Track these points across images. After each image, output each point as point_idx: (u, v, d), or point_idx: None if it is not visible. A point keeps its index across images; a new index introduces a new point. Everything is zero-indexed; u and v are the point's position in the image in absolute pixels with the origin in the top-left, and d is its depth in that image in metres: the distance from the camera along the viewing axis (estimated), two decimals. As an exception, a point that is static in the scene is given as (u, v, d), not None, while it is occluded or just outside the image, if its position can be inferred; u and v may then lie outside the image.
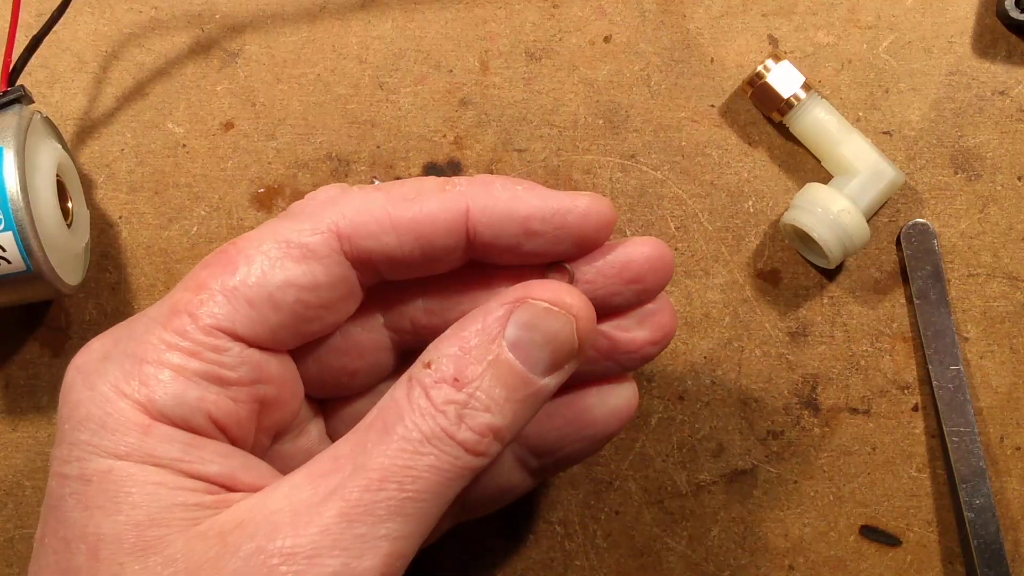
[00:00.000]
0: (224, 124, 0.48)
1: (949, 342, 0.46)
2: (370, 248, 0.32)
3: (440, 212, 0.32)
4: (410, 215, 0.32)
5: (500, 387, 0.31)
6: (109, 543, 0.29)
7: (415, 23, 0.49)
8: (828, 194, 0.44)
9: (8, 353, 0.48)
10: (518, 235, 0.33)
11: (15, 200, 0.40)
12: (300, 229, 0.32)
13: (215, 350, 0.31)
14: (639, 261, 0.35)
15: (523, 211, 0.33)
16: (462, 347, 0.31)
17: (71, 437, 0.30)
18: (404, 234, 0.32)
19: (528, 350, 0.32)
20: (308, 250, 0.32)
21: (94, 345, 0.32)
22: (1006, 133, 0.47)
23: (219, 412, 0.31)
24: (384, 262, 0.33)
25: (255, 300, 0.31)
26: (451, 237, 0.33)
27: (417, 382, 0.31)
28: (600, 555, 0.46)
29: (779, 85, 0.46)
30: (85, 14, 0.49)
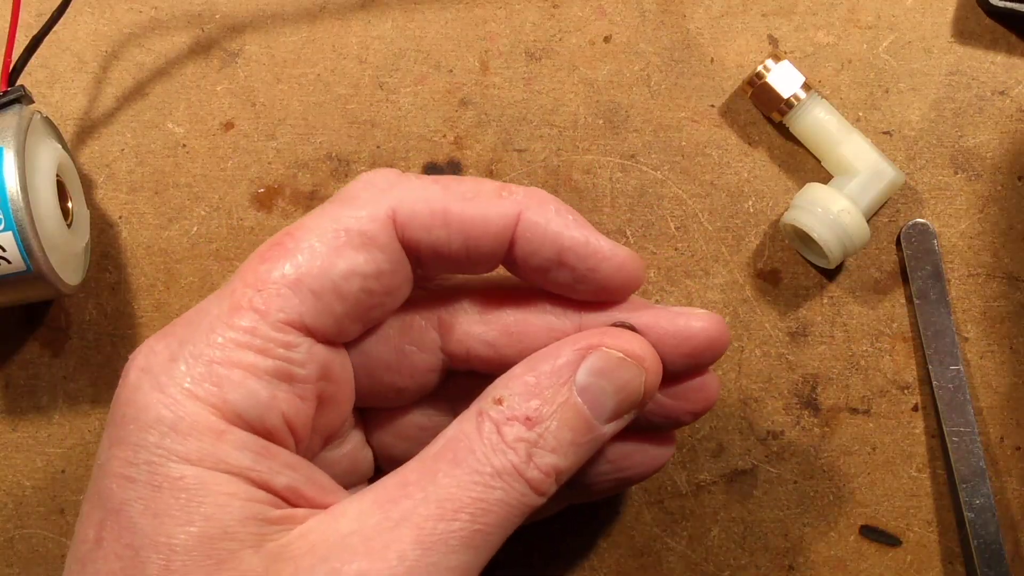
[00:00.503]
0: (224, 124, 0.48)
1: (949, 342, 0.46)
2: (420, 239, 0.32)
3: (495, 216, 0.32)
4: (468, 213, 0.32)
5: (567, 430, 0.31)
6: (182, 555, 0.28)
7: (415, 23, 0.49)
8: (828, 194, 0.44)
9: (8, 353, 0.48)
10: (551, 260, 0.33)
11: (15, 200, 0.40)
12: (359, 216, 0.31)
13: (286, 346, 0.30)
14: (699, 337, 0.35)
15: (565, 240, 0.33)
16: (533, 387, 0.32)
17: (137, 438, 0.29)
18: (455, 231, 0.32)
19: (596, 396, 0.32)
20: (368, 237, 0.31)
21: (157, 346, 0.31)
22: (1006, 133, 0.47)
23: (290, 411, 0.31)
24: (429, 255, 0.33)
25: (320, 291, 0.31)
26: (497, 243, 0.33)
27: (488, 417, 0.31)
28: (600, 555, 0.46)
29: (779, 85, 0.46)
30: (85, 14, 0.49)
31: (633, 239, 0.47)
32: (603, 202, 0.47)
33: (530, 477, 0.31)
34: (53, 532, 0.47)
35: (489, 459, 0.30)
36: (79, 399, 0.47)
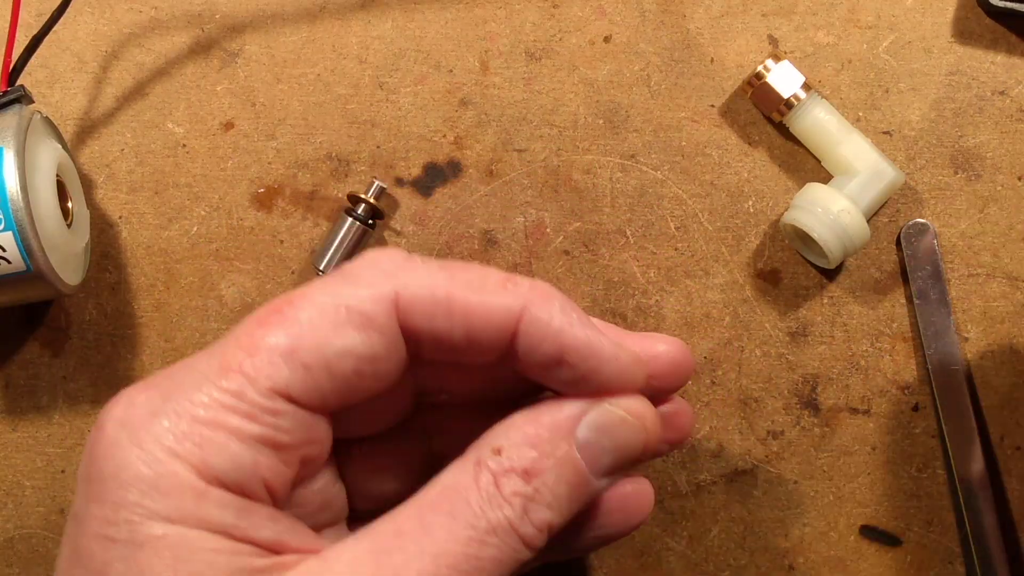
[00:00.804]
0: (224, 124, 0.48)
1: (949, 342, 0.46)
2: (421, 326, 0.32)
3: (499, 309, 0.32)
4: (472, 304, 0.32)
5: (563, 485, 0.31)
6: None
7: (415, 23, 0.49)
8: (828, 194, 0.44)
9: (8, 353, 0.48)
10: (552, 358, 0.32)
11: (15, 200, 0.40)
12: (361, 295, 0.31)
13: (272, 413, 0.30)
14: (662, 360, 0.35)
15: (567, 340, 0.32)
16: (533, 439, 0.31)
17: (116, 497, 0.29)
18: (458, 321, 0.32)
19: (595, 453, 0.32)
20: (368, 318, 0.31)
21: (138, 399, 0.30)
22: (1006, 133, 0.47)
23: (271, 476, 0.30)
24: (429, 342, 0.32)
25: (312, 365, 0.30)
26: (499, 336, 0.32)
27: (486, 467, 0.31)
28: (600, 555, 0.46)
29: (779, 85, 0.46)
30: (85, 14, 0.49)
31: (633, 239, 0.47)
32: (603, 202, 0.47)
33: (524, 532, 0.31)
34: (53, 532, 0.47)
35: (485, 513, 0.30)
36: (79, 399, 0.47)
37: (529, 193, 0.48)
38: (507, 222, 0.48)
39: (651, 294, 0.47)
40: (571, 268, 0.47)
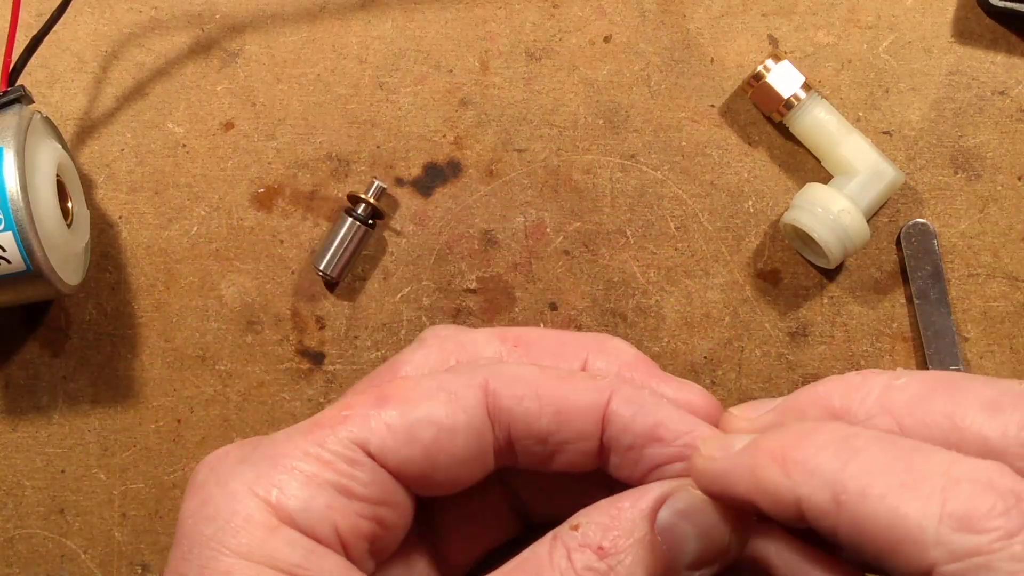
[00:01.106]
0: (224, 124, 0.48)
1: (949, 342, 0.46)
2: (511, 408, 0.32)
3: (585, 393, 0.32)
4: (558, 390, 0.32)
5: (642, 568, 0.30)
6: None
7: (415, 23, 0.49)
8: (828, 194, 0.44)
9: (8, 353, 0.48)
10: (645, 441, 0.32)
11: (15, 200, 0.40)
12: (454, 379, 0.33)
13: (349, 462, 0.31)
14: (700, 414, 0.34)
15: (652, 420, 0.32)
16: (612, 518, 0.31)
17: (192, 532, 0.30)
18: (546, 404, 0.32)
19: (677, 538, 0.31)
20: (455, 395, 0.32)
21: (232, 449, 0.32)
22: (1006, 133, 0.47)
23: (344, 524, 0.31)
24: (522, 429, 0.33)
25: (394, 426, 0.31)
26: (588, 420, 0.32)
27: (562, 542, 0.31)
28: (600, 555, 0.46)
29: (779, 85, 0.46)
30: (85, 14, 0.49)
31: (633, 239, 0.47)
32: (603, 202, 0.47)
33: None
34: (53, 532, 0.47)
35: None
36: (79, 399, 0.47)
37: (529, 193, 0.48)
38: (507, 222, 0.48)
39: (651, 294, 0.47)
40: (571, 268, 0.47)
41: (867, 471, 0.26)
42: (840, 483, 0.26)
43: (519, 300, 0.47)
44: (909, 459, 0.26)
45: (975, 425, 0.27)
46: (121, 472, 0.47)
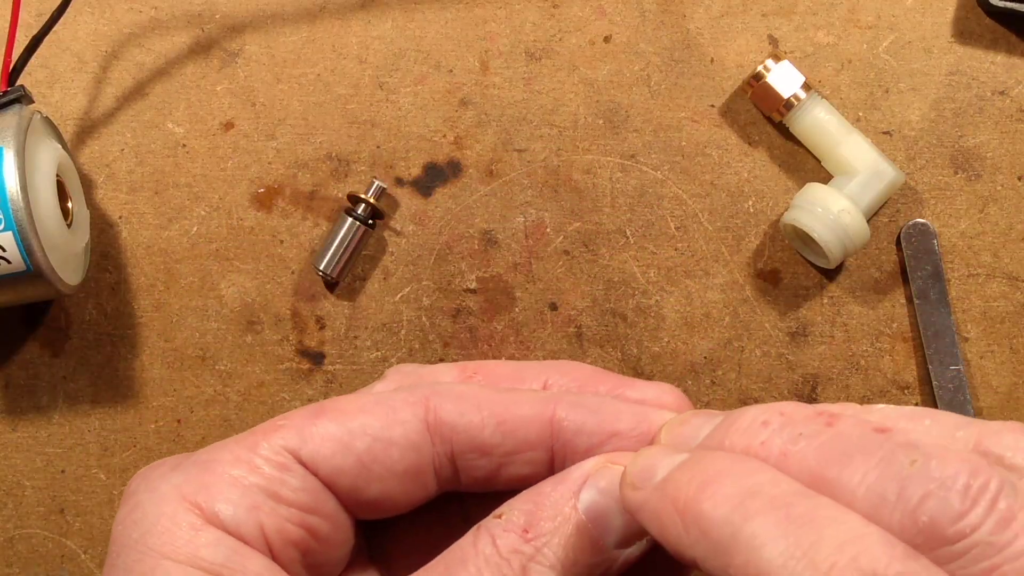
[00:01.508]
0: (224, 124, 0.48)
1: (949, 342, 0.46)
2: (453, 422, 0.32)
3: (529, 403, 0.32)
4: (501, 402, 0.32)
5: (569, 548, 0.30)
6: None
7: (415, 23, 0.49)
8: (828, 194, 0.44)
9: (8, 353, 0.48)
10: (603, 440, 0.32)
11: (15, 200, 0.40)
12: (393, 395, 0.33)
13: (279, 467, 0.31)
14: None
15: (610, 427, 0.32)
16: (536, 502, 0.31)
17: (120, 537, 0.30)
18: (489, 415, 0.32)
19: (603, 516, 0.31)
20: (392, 409, 0.32)
21: (168, 460, 0.32)
22: (1006, 133, 0.47)
23: (271, 527, 0.31)
24: (465, 443, 0.32)
25: (328, 436, 0.31)
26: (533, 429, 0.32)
27: (486, 530, 0.31)
28: (600, 555, 0.46)
29: (779, 85, 0.46)
30: (85, 14, 0.49)
31: (633, 239, 0.47)
32: (603, 202, 0.47)
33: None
34: (53, 532, 0.47)
35: (481, 572, 0.30)
36: (79, 399, 0.47)
37: (529, 193, 0.48)
38: (507, 222, 0.48)
39: (651, 294, 0.47)
40: (571, 268, 0.47)
41: (758, 543, 0.25)
42: (728, 553, 0.25)
43: (519, 300, 0.47)
44: (799, 533, 0.25)
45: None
46: (121, 472, 0.47)
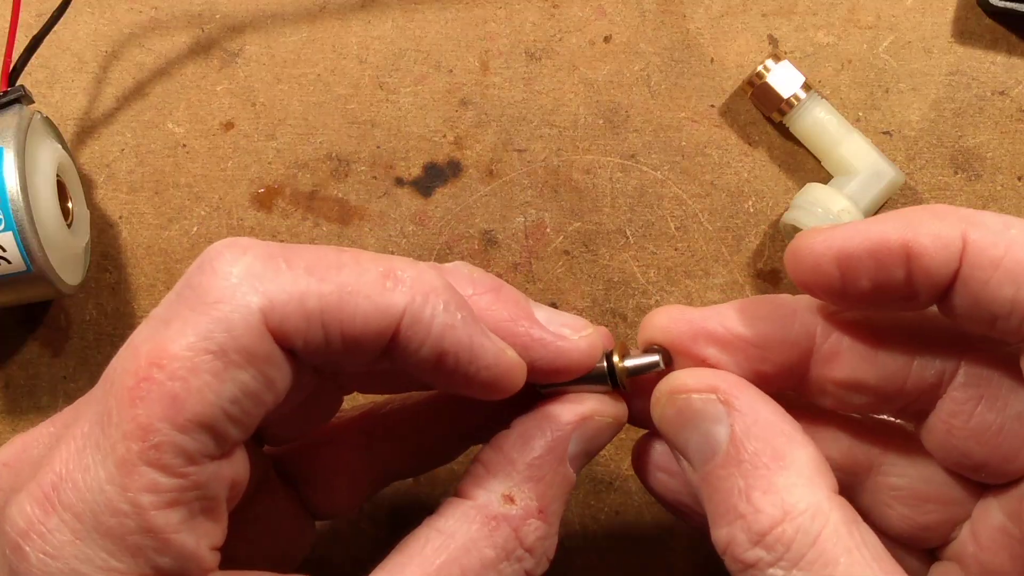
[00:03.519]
0: (224, 124, 0.48)
1: (949, 342, 0.46)
2: (295, 343, 0.28)
3: (375, 313, 0.28)
4: (346, 313, 0.28)
5: (563, 503, 0.31)
6: None
7: (415, 23, 0.49)
8: (828, 194, 0.44)
9: (8, 353, 0.48)
10: (429, 361, 0.29)
11: (15, 200, 0.40)
12: (230, 329, 0.27)
13: (193, 488, 0.27)
14: (576, 364, 0.32)
15: (447, 344, 0.29)
16: (537, 475, 0.31)
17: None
18: (334, 331, 0.28)
19: (581, 459, 0.32)
20: (248, 353, 0.27)
21: (50, 523, 0.27)
22: (1006, 133, 0.47)
23: (212, 539, 0.29)
24: (307, 354, 0.29)
25: (211, 423, 0.27)
26: (378, 341, 0.29)
27: (505, 521, 0.30)
28: (600, 555, 0.46)
29: (779, 85, 0.46)
30: (85, 14, 0.49)
31: (633, 239, 0.47)
32: (603, 202, 0.47)
33: (538, 574, 0.31)
34: (53, 532, 0.47)
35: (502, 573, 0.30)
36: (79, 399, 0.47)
37: (529, 193, 0.48)
38: (507, 222, 0.48)
39: (651, 294, 0.47)
40: (571, 268, 0.47)
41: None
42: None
43: (519, 300, 0.47)
44: None
45: None
46: (121, 472, 0.47)
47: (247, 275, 0.28)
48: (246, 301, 0.27)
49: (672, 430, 0.32)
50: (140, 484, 0.26)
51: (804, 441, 0.30)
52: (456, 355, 0.29)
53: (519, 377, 0.31)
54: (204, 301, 0.27)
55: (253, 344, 0.27)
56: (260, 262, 0.28)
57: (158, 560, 0.27)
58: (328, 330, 0.28)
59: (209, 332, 0.27)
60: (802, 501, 0.28)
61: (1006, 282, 0.28)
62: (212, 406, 0.27)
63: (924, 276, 0.29)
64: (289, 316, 0.27)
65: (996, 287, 0.28)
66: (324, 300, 0.28)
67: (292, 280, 0.28)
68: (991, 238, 0.28)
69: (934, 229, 0.28)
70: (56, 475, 0.27)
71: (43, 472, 0.28)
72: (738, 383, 0.31)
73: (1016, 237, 0.28)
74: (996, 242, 0.28)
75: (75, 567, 0.27)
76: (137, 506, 0.26)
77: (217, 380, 0.27)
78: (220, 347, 0.27)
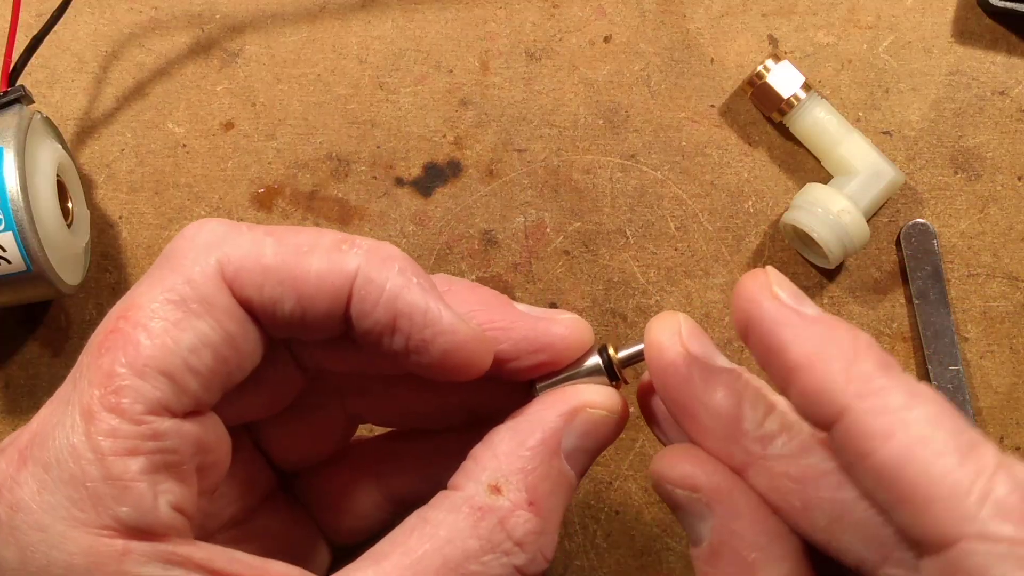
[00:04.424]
0: (224, 124, 0.48)
1: (949, 342, 0.46)
2: (251, 297, 0.29)
3: (329, 272, 0.29)
4: (300, 269, 0.29)
5: (561, 501, 0.31)
6: None
7: (415, 23, 0.49)
8: (828, 194, 0.44)
9: (8, 353, 0.48)
10: (383, 325, 0.30)
11: (15, 200, 0.40)
12: (190, 280, 0.29)
13: (153, 437, 0.28)
14: (558, 346, 0.32)
15: (401, 304, 0.29)
16: (527, 466, 0.30)
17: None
18: (288, 288, 0.29)
19: (580, 457, 0.31)
20: (206, 303, 0.29)
21: (20, 477, 0.28)
22: (1006, 133, 0.47)
23: (177, 499, 0.28)
24: (264, 315, 0.30)
25: (171, 371, 0.28)
26: (333, 302, 0.30)
27: (491, 511, 0.29)
28: (600, 555, 0.46)
29: (779, 85, 0.46)
30: (85, 14, 0.49)
31: (633, 239, 0.47)
32: (603, 202, 0.47)
33: (533, 573, 0.30)
34: (53, 532, 0.47)
35: (487, 566, 0.29)
36: (79, 399, 0.47)
37: (529, 193, 0.48)
38: (507, 222, 0.48)
39: (651, 294, 0.47)
40: (571, 268, 0.47)
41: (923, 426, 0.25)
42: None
43: (519, 300, 0.47)
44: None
45: None
46: (121, 472, 0.47)
47: (211, 236, 0.30)
48: (205, 256, 0.29)
49: (666, 503, 0.32)
50: (101, 429, 0.27)
51: (781, 555, 0.29)
52: (411, 317, 0.29)
53: (482, 352, 0.31)
54: (171, 261, 0.30)
55: (210, 294, 0.29)
56: (224, 227, 0.30)
57: (117, 510, 0.27)
58: (283, 287, 0.29)
59: (172, 285, 0.29)
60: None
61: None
62: (171, 353, 0.28)
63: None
64: (245, 269, 0.29)
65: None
66: (279, 257, 0.29)
67: (251, 240, 0.30)
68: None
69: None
70: (31, 432, 0.29)
71: (21, 431, 0.29)
72: (722, 484, 0.30)
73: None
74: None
75: (39, 518, 0.27)
76: (97, 451, 0.27)
77: (176, 328, 0.28)
78: (180, 296, 0.29)
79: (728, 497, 0.29)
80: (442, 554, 0.29)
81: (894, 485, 0.24)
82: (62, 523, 0.27)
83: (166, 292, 0.29)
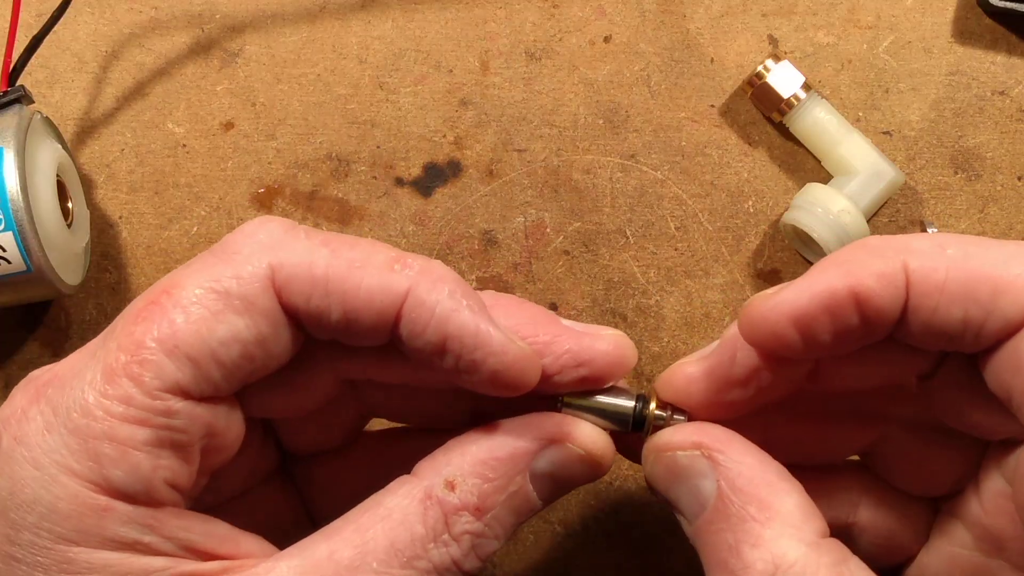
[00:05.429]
0: (224, 124, 0.48)
1: (949, 342, 0.46)
2: (297, 304, 0.30)
3: (379, 291, 0.30)
4: (350, 285, 0.30)
5: (513, 515, 0.31)
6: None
7: (415, 23, 0.49)
8: (828, 194, 0.44)
9: (8, 353, 0.48)
10: (433, 346, 0.30)
11: (15, 200, 0.40)
12: (239, 276, 0.29)
13: (164, 414, 0.28)
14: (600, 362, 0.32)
15: (452, 327, 0.30)
16: (488, 474, 0.30)
17: (16, 516, 0.28)
18: (336, 301, 0.30)
19: (548, 486, 0.31)
20: (248, 301, 0.29)
21: (30, 411, 0.29)
22: (1006, 133, 0.47)
23: (174, 476, 0.29)
24: (309, 322, 0.30)
25: (198, 357, 0.29)
26: (379, 319, 0.30)
27: (438, 503, 0.30)
28: (600, 555, 0.46)
29: (779, 85, 0.46)
30: (85, 14, 0.49)
31: (633, 239, 0.47)
32: (603, 202, 0.47)
33: (468, 568, 0.30)
34: (53, 532, 0.47)
35: (429, 554, 0.29)
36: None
37: (529, 193, 0.48)
38: (507, 222, 0.48)
39: (651, 294, 0.47)
40: (571, 268, 0.47)
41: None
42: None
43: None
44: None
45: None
46: (121, 472, 0.47)
47: (268, 238, 0.30)
48: (259, 257, 0.30)
49: (663, 487, 0.32)
50: (117, 393, 0.28)
51: (789, 488, 0.30)
52: (461, 340, 0.30)
53: (531, 370, 0.31)
54: (225, 252, 0.30)
55: (254, 294, 0.29)
56: (283, 229, 0.31)
57: (112, 472, 0.28)
58: (331, 299, 0.30)
59: (220, 276, 0.29)
60: (791, 552, 0.28)
61: (953, 304, 0.29)
62: (202, 341, 0.29)
63: (877, 316, 0.29)
64: (295, 277, 0.30)
65: (944, 311, 0.29)
66: (331, 269, 0.30)
67: (306, 248, 0.30)
68: (930, 263, 0.29)
69: (876, 268, 0.29)
70: (53, 373, 0.30)
71: (45, 370, 0.30)
72: (722, 437, 0.31)
73: (953, 257, 0.29)
74: (936, 266, 0.29)
75: (37, 456, 0.28)
76: (108, 412, 0.28)
77: (214, 318, 0.29)
78: (225, 290, 0.29)
79: (732, 443, 0.31)
80: (391, 536, 0.29)
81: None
82: (56, 467, 0.28)
83: (212, 281, 0.29)
